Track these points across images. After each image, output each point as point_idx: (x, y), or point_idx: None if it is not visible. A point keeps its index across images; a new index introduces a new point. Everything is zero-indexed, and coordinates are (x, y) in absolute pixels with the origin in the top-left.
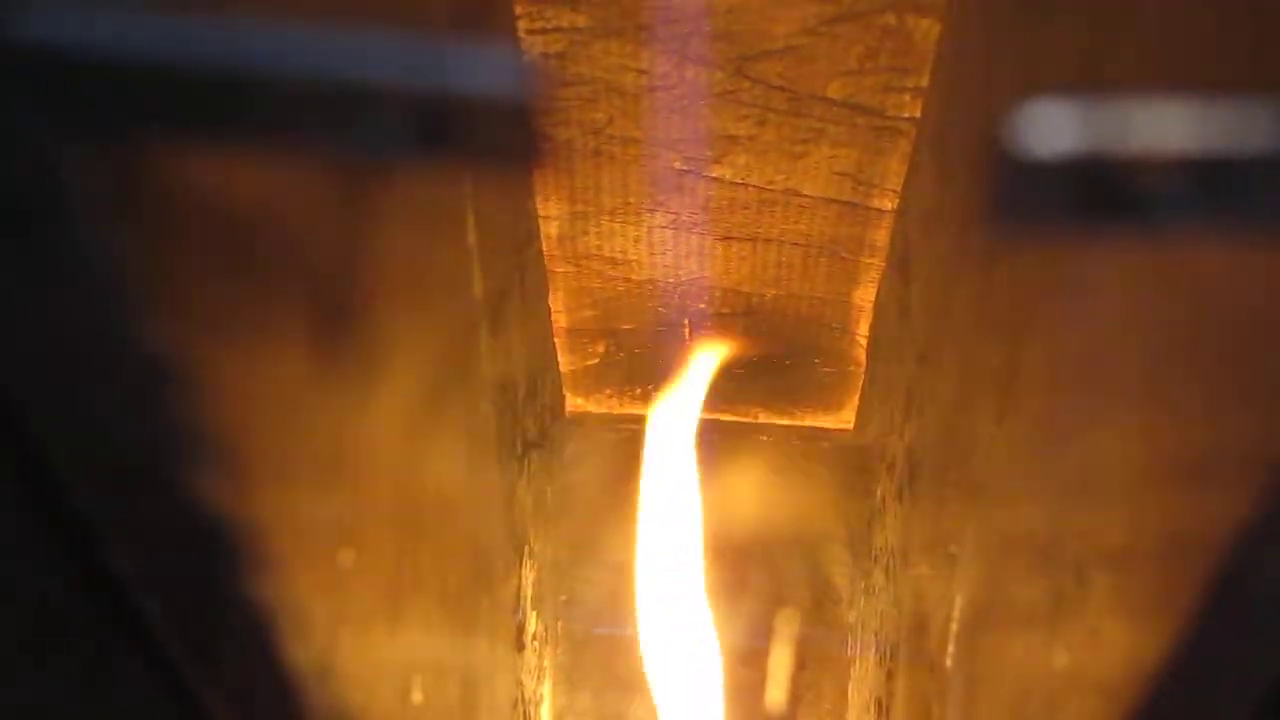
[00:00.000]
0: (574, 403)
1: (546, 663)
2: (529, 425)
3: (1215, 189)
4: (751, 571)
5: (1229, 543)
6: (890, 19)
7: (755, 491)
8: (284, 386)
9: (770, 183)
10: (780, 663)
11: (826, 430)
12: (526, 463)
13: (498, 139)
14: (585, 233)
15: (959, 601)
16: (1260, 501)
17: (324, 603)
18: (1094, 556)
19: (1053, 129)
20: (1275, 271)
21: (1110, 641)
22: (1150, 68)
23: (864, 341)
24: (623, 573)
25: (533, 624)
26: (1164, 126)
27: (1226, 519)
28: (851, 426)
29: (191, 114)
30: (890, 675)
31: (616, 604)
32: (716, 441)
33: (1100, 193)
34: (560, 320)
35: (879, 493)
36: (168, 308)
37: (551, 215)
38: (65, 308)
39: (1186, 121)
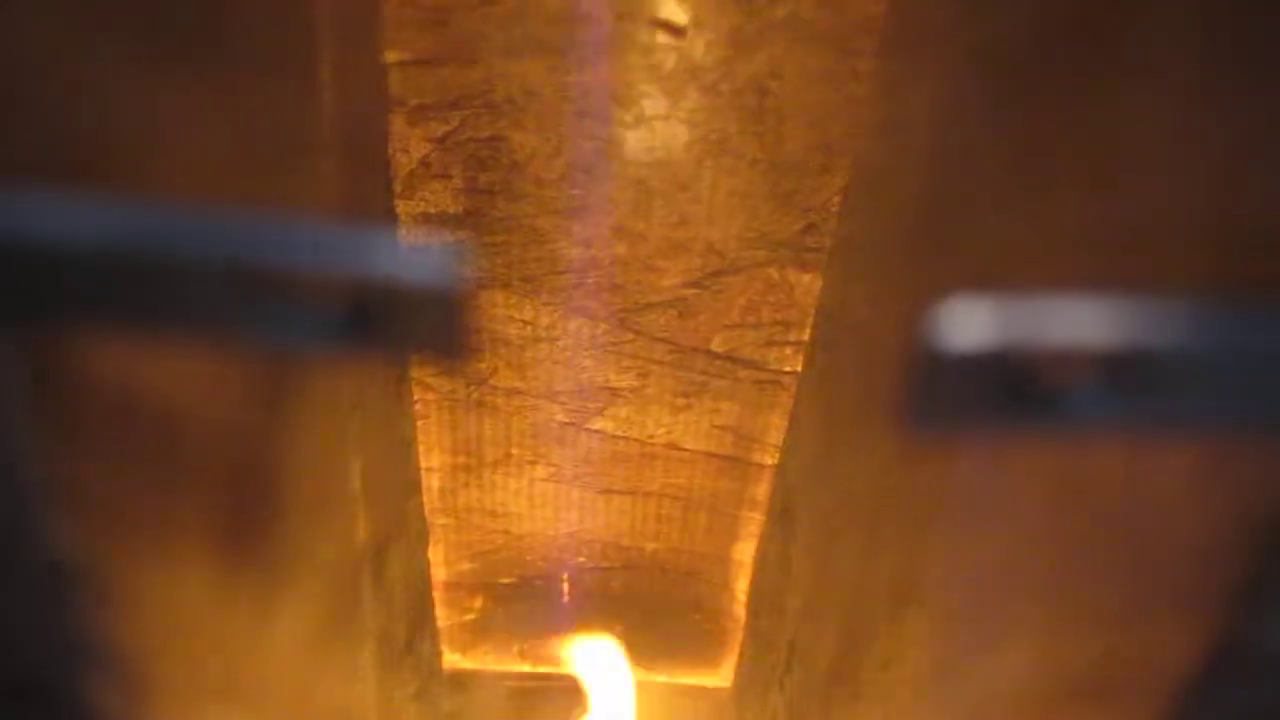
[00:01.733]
0: (451, 658)
1: None
2: (407, 679)
3: (1118, 393)
4: None
5: None
6: (772, 273)
7: None
8: (185, 603)
9: (651, 436)
10: None
11: (705, 688)
12: (404, 715)
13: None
14: (466, 485)
15: None
16: (1161, 717)
17: None
18: None
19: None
20: (1179, 475)
21: None
22: (1042, 282)
23: (744, 597)
24: None
25: None
26: (1064, 336)
27: None
28: (730, 684)
29: (95, 306)
30: None
31: None
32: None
33: (997, 413)
34: (439, 573)
35: None
36: (73, 513)
37: (434, 467)
38: None
39: (1087, 328)
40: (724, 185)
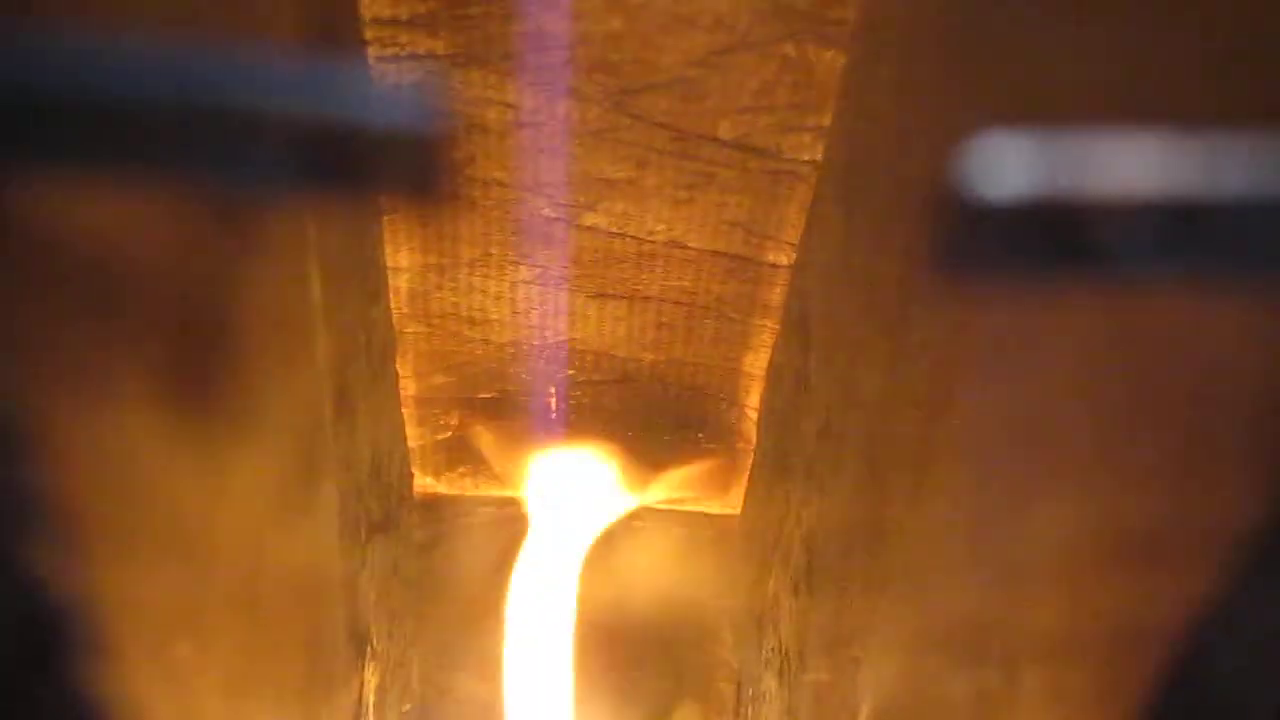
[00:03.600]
0: (423, 483)
1: None
2: (373, 507)
3: (1166, 235)
4: (623, 677)
5: (1178, 630)
6: (789, 50)
7: (629, 587)
8: (125, 453)
9: (651, 233)
10: None
11: (711, 516)
12: (370, 550)
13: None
14: (440, 288)
15: (865, 709)
16: (1212, 582)
17: (161, 695)
18: (1025, 649)
19: (980, 169)
20: (1232, 324)
21: None
22: (1093, 104)
23: (755, 414)
24: (475, 676)
25: None
26: (1110, 167)
27: (1175, 603)
28: (739, 511)
29: (30, 144)
30: None
31: (467, 711)
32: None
33: (1037, 241)
34: (409, 388)
35: (771, 587)
36: (10, 362)
37: (402, 267)
38: None
39: (1135, 162)
40: None
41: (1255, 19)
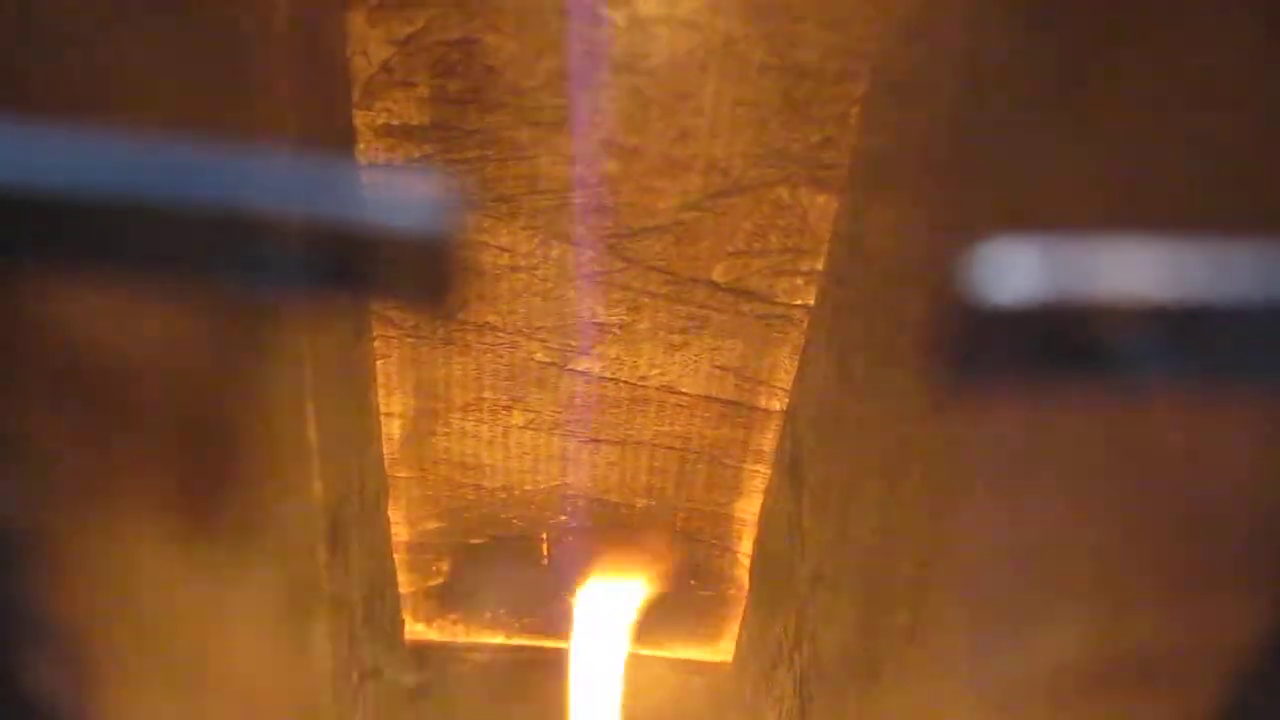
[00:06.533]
0: (414, 629)
1: None
2: (366, 652)
3: (1165, 351)
4: None
5: None
6: (783, 193)
7: None
8: (133, 571)
9: (644, 378)
10: None
11: (702, 663)
12: (362, 696)
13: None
14: (432, 433)
15: None
16: (1209, 704)
17: None
18: None
19: (976, 300)
20: (1232, 440)
21: None
22: (1089, 222)
23: (747, 560)
24: None
25: None
26: (1110, 289)
27: None
28: (731, 658)
29: (32, 254)
30: None
31: None
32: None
33: (1037, 371)
34: (401, 533)
35: None
36: (15, 477)
37: (394, 412)
38: None
39: (1136, 283)
40: (729, 94)
41: (1249, 130)
